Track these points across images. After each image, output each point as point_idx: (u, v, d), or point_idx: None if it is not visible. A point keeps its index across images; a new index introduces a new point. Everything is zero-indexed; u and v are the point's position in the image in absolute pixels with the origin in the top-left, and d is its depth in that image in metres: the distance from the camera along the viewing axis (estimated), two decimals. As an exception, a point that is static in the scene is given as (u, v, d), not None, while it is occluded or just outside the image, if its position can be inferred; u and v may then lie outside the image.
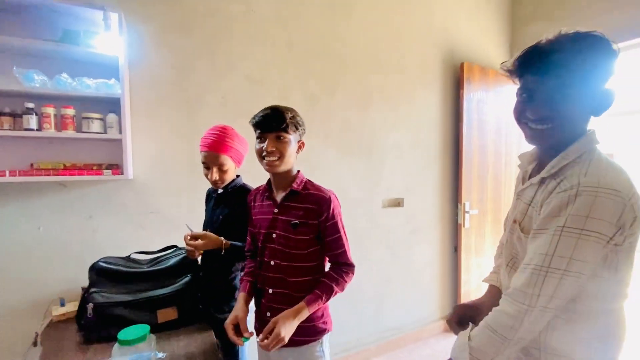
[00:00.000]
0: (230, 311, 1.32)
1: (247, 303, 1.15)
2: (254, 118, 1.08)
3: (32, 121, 1.32)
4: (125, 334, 0.96)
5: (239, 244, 1.30)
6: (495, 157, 2.85)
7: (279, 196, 1.14)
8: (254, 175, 1.44)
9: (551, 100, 0.71)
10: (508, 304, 0.70)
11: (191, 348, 1.16)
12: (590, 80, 0.69)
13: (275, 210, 1.13)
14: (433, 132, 2.64)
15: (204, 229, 1.48)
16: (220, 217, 1.37)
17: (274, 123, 1.04)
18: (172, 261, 1.39)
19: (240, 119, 1.84)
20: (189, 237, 1.24)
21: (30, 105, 1.33)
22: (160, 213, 1.71)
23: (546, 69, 0.71)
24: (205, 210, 1.51)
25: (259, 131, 1.07)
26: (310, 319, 1.10)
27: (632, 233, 0.65)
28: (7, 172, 1.32)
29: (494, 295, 0.91)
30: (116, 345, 0.95)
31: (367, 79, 2.31)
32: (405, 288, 2.59)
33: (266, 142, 1.04)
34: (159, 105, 1.68)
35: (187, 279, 1.35)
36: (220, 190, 1.38)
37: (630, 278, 0.71)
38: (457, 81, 2.69)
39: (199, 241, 1.22)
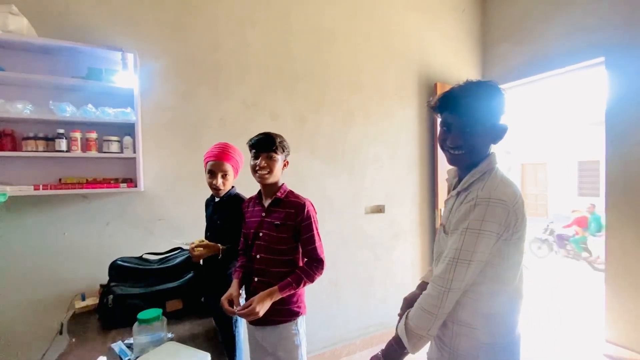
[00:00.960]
0: (227, 303, 1.58)
1: (239, 286, 1.42)
2: (250, 140, 1.37)
3: (62, 144, 1.59)
4: (143, 315, 1.19)
5: (232, 247, 1.53)
6: (469, 167, 3.12)
7: (267, 202, 1.42)
8: (246, 187, 1.69)
9: (463, 132, 0.95)
10: (432, 288, 0.92)
11: (194, 331, 1.39)
12: (488, 117, 0.95)
13: (263, 214, 1.41)
14: (410, 145, 2.92)
15: (205, 232, 1.73)
16: (218, 222, 1.62)
17: (266, 145, 1.34)
18: (177, 260, 1.64)
19: (237, 138, 2.11)
20: (194, 246, 1.48)
21: (61, 130, 1.60)
22: (167, 220, 1.97)
23: (458, 109, 0.95)
24: (205, 216, 1.75)
25: (254, 151, 1.36)
26: (285, 302, 1.36)
27: (517, 230, 0.90)
28: (41, 186, 1.57)
29: (424, 288, 1.10)
30: (136, 324, 1.16)
31: (349, 98, 2.59)
32: (388, 287, 2.84)
33: (259, 159, 1.33)
34: (166, 128, 1.95)
35: (190, 275, 1.60)
36: (217, 199, 1.63)
37: (520, 264, 0.95)
38: (432, 99, 2.98)
39: (202, 249, 1.48)
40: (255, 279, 1.40)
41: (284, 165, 1.42)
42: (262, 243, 1.38)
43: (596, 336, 2.75)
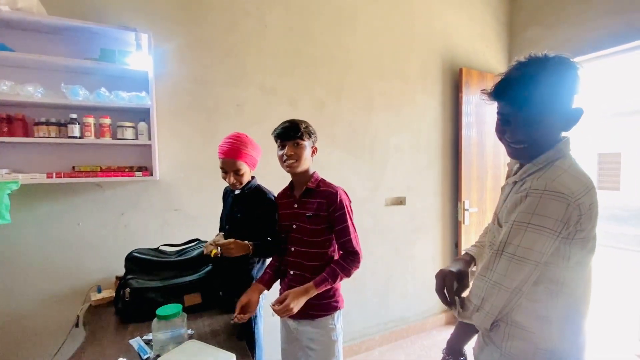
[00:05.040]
0: (246, 298, 1.51)
1: (257, 291, 1.35)
2: (275, 131, 1.30)
3: (75, 130, 1.51)
4: (162, 310, 1.12)
5: (259, 243, 1.42)
6: (494, 158, 2.98)
7: (298, 193, 1.36)
8: (270, 176, 1.60)
9: (523, 126, 0.81)
10: (476, 278, 0.85)
11: (215, 327, 1.33)
12: (555, 103, 0.80)
13: (295, 205, 1.35)
14: (433, 134, 2.78)
15: (222, 224, 1.64)
16: (239, 215, 1.52)
17: (291, 133, 1.26)
18: (195, 252, 1.57)
19: (254, 125, 2.02)
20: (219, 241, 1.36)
21: (74, 115, 1.52)
22: (183, 210, 1.89)
23: (516, 100, 0.80)
24: (223, 206, 1.66)
25: (279, 140, 1.29)
26: (323, 297, 1.30)
27: (582, 229, 0.77)
28: (54, 174, 1.51)
29: (467, 262, 1.03)
30: (155, 320, 1.10)
31: (370, 84, 2.47)
32: (408, 282, 2.74)
33: (286, 149, 1.26)
34: (181, 113, 1.86)
35: (209, 268, 1.52)
36: (237, 191, 1.52)
37: (586, 267, 0.83)
38: (456, 85, 2.83)
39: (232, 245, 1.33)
40: (291, 272, 1.36)
41: (313, 151, 1.35)
42: (296, 235, 1.34)
43: (629, 335, 2.61)
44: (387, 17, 2.51)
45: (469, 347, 1.04)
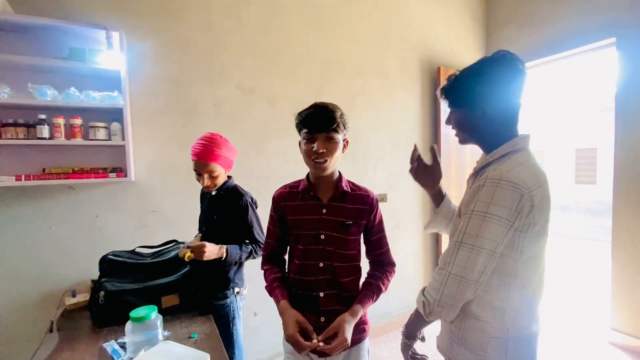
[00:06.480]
0: (225, 298, 1.49)
1: (295, 312, 1.04)
2: (300, 116, 1.03)
3: (44, 131, 1.47)
4: (136, 312, 1.10)
5: (235, 247, 1.43)
6: (472, 155, 3.04)
7: (326, 196, 1.11)
8: (252, 178, 1.59)
9: (459, 126, 0.96)
10: (435, 271, 0.88)
11: (192, 328, 1.32)
12: (494, 102, 0.87)
13: (324, 211, 1.09)
14: (413, 132, 2.83)
15: (200, 226, 1.63)
16: (215, 216, 1.51)
17: (324, 122, 1.00)
18: (172, 254, 1.55)
19: (232, 125, 2.01)
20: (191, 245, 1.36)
21: (43, 116, 1.48)
22: (159, 211, 1.86)
23: (450, 100, 0.94)
24: (201, 208, 1.65)
25: (305, 130, 1.02)
26: (360, 320, 1.08)
27: (535, 223, 0.81)
28: (23, 177, 1.46)
29: None
30: (129, 323, 1.09)
31: (350, 83, 2.48)
32: (390, 278, 2.78)
33: (316, 144, 1.00)
34: (157, 113, 1.83)
35: (186, 269, 1.51)
36: (213, 193, 1.51)
37: (539, 261, 0.87)
38: (435, 84, 2.88)
39: (205, 248, 1.33)
40: (321, 295, 1.08)
41: (344, 146, 1.10)
42: (328, 248, 1.08)
43: (602, 324, 2.72)
44: (365, 17, 2.53)
45: (434, 334, 1.05)
